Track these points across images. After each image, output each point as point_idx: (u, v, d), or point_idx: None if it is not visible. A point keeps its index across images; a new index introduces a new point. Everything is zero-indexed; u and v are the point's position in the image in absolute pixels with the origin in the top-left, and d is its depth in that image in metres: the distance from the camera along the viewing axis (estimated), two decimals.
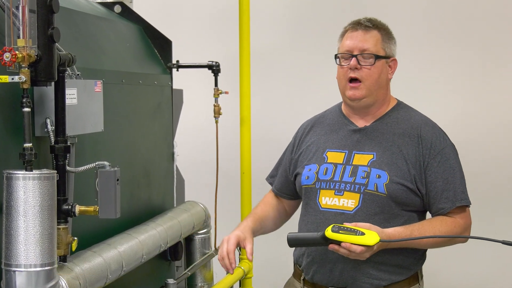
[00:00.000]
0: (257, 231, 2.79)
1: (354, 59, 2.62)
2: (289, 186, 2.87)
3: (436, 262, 2.86)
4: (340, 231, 2.38)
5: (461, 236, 2.58)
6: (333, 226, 2.40)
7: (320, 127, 2.80)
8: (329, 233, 2.39)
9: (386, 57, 2.66)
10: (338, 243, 2.39)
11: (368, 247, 2.38)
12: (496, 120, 4.81)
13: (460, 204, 2.60)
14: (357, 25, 2.67)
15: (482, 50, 4.83)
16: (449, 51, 4.87)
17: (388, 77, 2.70)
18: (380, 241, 2.39)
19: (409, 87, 4.36)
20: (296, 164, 2.80)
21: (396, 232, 2.51)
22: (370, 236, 2.38)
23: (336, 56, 2.70)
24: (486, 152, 4.78)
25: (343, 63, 2.66)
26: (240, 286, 4.05)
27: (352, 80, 2.63)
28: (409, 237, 2.50)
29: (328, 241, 2.40)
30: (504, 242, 2.23)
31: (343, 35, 2.70)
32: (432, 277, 2.94)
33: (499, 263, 4.81)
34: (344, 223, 2.44)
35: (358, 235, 2.37)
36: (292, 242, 2.50)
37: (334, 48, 2.80)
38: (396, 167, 2.58)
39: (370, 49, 2.62)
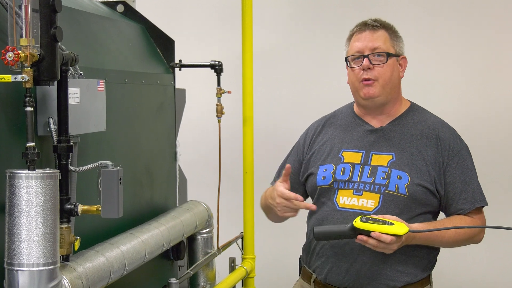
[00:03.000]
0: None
1: (366, 59, 2.60)
2: (295, 187, 2.85)
3: (443, 262, 2.86)
4: (369, 221, 2.39)
5: (487, 227, 2.57)
6: (361, 217, 2.41)
7: (332, 127, 2.78)
8: (358, 223, 2.38)
9: (396, 55, 2.66)
10: (367, 233, 2.38)
11: (397, 237, 2.38)
12: (501, 119, 4.80)
13: (479, 205, 2.62)
14: (364, 25, 2.66)
15: (486, 49, 4.82)
16: (452, 50, 4.86)
17: (400, 75, 2.69)
18: (409, 231, 2.39)
19: (412, 86, 4.36)
20: (308, 165, 2.77)
21: (420, 227, 2.52)
22: (399, 226, 2.39)
23: (346, 59, 2.68)
24: (489, 152, 4.78)
25: (354, 65, 2.64)
26: (242, 285, 4.05)
27: (367, 79, 2.61)
28: (432, 232, 2.51)
29: (357, 231, 2.40)
30: None
31: (350, 38, 2.69)
32: (440, 276, 2.94)
33: (503, 263, 4.81)
34: (371, 215, 2.45)
35: (388, 225, 2.38)
36: (320, 235, 2.49)
37: (337, 47, 2.80)
38: (417, 168, 2.59)
39: (381, 47, 2.62)
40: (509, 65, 4.81)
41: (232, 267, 3.91)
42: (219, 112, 3.81)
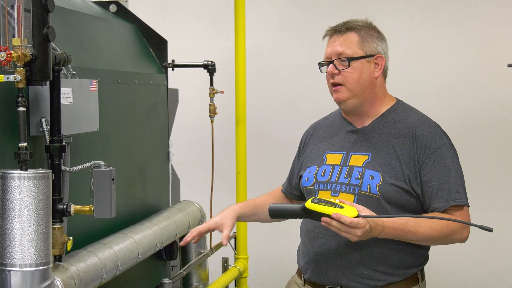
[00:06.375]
0: (247, 217, 2.82)
1: (331, 65, 2.66)
2: (298, 188, 2.88)
3: (435, 259, 2.86)
4: (320, 203, 2.41)
5: (448, 219, 2.51)
6: (314, 198, 2.44)
7: (322, 130, 2.83)
8: (309, 204, 2.41)
9: (367, 56, 2.65)
10: (318, 214, 2.40)
11: (360, 220, 2.37)
12: (493, 118, 4.81)
13: (454, 204, 2.57)
14: (332, 31, 2.71)
15: (482, 48, 4.83)
16: (447, 48, 4.87)
17: (374, 75, 2.68)
18: (358, 215, 2.38)
19: (406, 84, 4.37)
20: (300, 167, 2.82)
21: (390, 218, 2.48)
22: (348, 210, 2.39)
23: (319, 64, 2.73)
24: (482, 151, 4.79)
25: (323, 71, 2.71)
26: (235, 285, 4.05)
27: (336, 84, 2.65)
28: (404, 225, 2.47)
29: (307, 212, 2.43)
30: (481, 227, 2.24)
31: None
32: (431, 273, 2.95)
33: (496, 259, 4.83)
34: (323, 197, 2.46)
35: (337, 207, 2.39)
36: (273, 212, 2.53)
37: None
38: (390, 167, 2.58)
39: (345, 52, 2.64)
40: (502, 63, 4.82)
41: (225, 267, 3.91)
42: (212, 112, 3.81)
